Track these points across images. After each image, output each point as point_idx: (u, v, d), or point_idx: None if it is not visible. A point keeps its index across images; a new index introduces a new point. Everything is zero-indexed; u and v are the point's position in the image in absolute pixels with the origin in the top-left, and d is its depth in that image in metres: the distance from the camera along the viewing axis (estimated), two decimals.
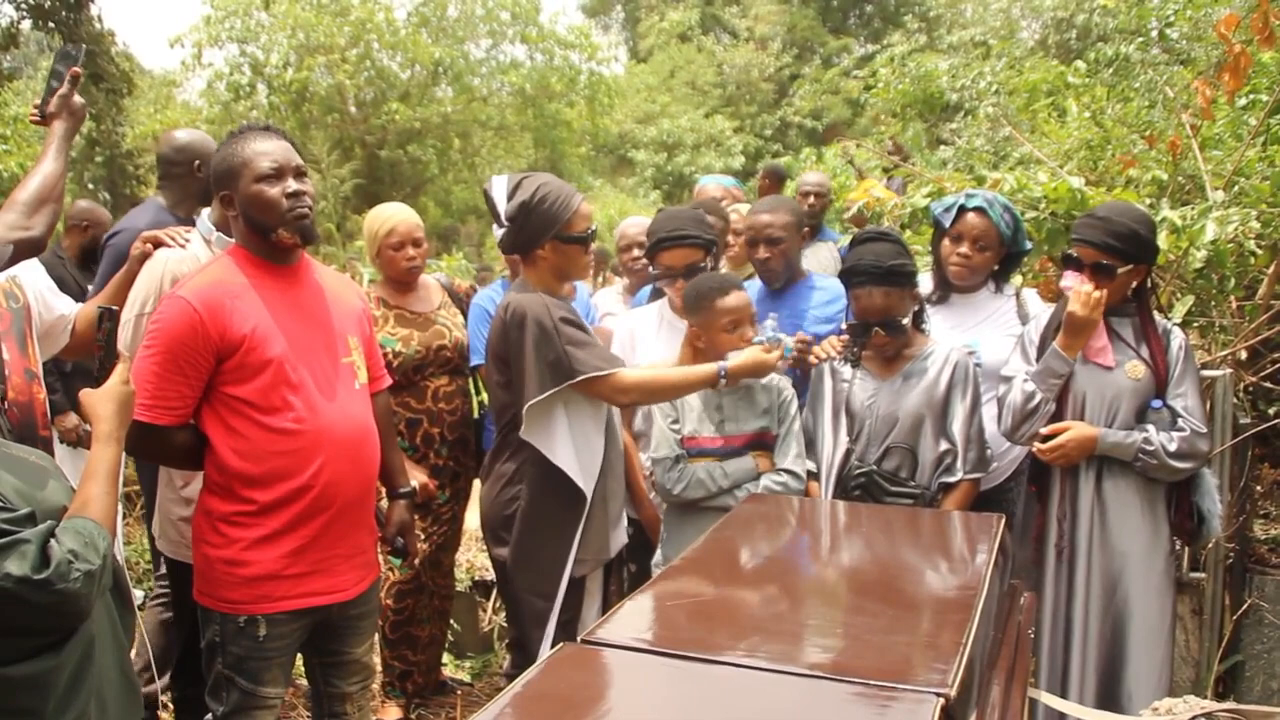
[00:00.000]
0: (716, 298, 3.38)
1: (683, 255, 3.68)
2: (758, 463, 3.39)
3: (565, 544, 3.20)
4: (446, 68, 23.97)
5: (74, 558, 1.80)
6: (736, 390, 3.43)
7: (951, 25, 22.47)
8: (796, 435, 3.43)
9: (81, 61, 2.93)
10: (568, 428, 3.20)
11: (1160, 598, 3.27)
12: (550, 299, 3.21)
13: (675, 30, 31.85)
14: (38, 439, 2.94)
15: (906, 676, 1.67)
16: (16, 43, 15.16)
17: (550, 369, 3.13)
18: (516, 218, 3.23)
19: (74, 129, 2.94)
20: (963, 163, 8.07)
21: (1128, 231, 3.17)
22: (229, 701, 2.72)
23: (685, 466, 3.38)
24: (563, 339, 3.13)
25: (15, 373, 2.87)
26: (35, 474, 2.00)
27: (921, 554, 2.65)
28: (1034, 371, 3.29)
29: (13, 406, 2.85)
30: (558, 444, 3.20)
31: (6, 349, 2.87)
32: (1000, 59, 11.12)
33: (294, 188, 2.67)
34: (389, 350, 3.76)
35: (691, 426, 3.43)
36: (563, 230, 3.23)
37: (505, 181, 3.34)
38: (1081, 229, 3.26)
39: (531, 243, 3.27)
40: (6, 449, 2.04)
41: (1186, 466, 3.18)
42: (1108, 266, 3.18)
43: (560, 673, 1.75)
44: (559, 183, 3.28)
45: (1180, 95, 5.89)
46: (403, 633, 4.10)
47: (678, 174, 26.45)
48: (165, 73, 26.58)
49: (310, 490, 2.67)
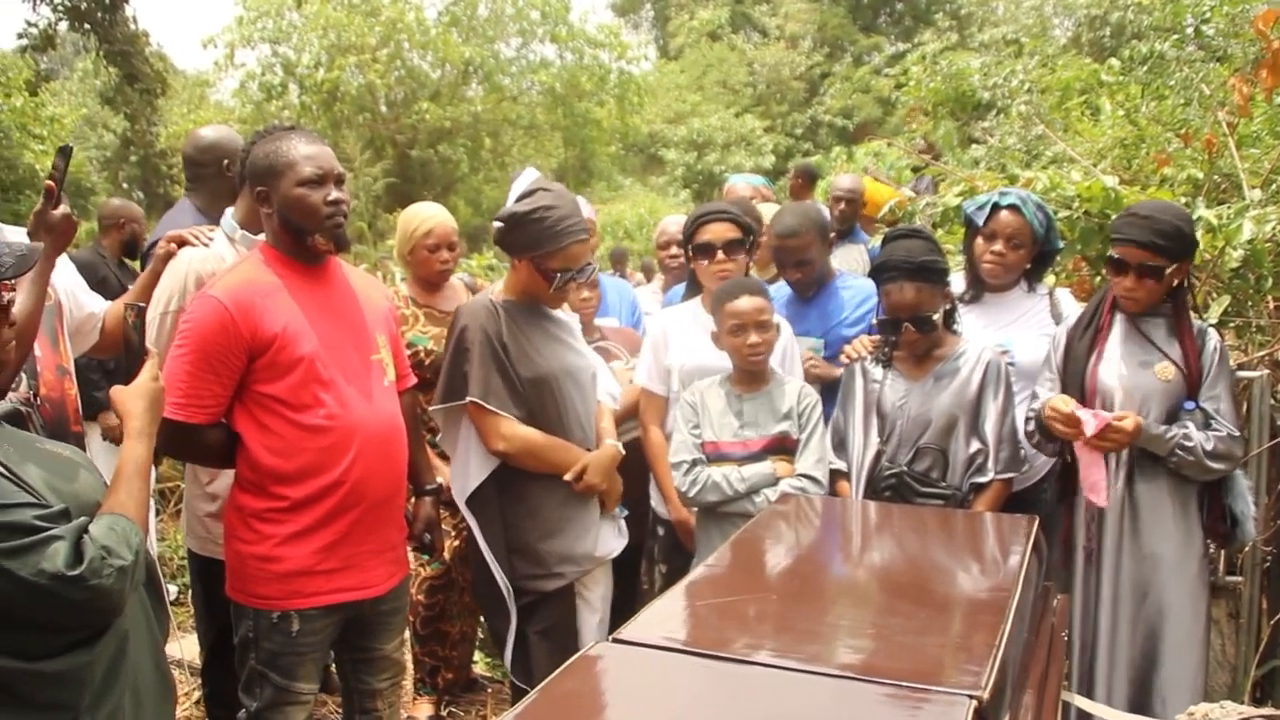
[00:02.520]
0: (727, 300, 3.37)
1: (721, 230, 3.65)
2: (776, 468, 3.36)
3: (490, 556, 3.25)
4: (477, 67, 24.03)
5: (107, 553, 1.81)
6: (757, 395, 3.43)
7: (983, 23, 22.35)
8: (818, 441, 3.40)
9: (67, 162, 2.77)
10: (468, 439, 3.26)
11: (1194, 601, 3.23)
12: (507, 316, 3.22)
13: (705, 29, 31.80)
14: (69, 434, 2.99)
15: (939, 678, 1.66)
16: (54, 44, 15.33)
17: (452, 382, 3.19)
18: (506, 221, 3.22)
19: (58, 248, 2.79)
20: (995, 161, 7.99)
21: (1172, 229, 3.10)
22: (262, 697, 2.74)
23: (702, 470, 3.37)
24: (477, 359, 3.14)
25: (47, 369, 2.91)
26: (67, 468, 2.01)
27: (954, 555, 2.63)
28: (1035, 417, 3.30)
29: (45, 402, 2.90)
30: (456, 453, 3.31)
31: (38, 345, 2.91)
32: (1033, 57, 11.02)
33: (334, 195, 2.69)
34: (422, 348, 3.78)
35: (712, 431, 3.42)
36: (540, 259, 3.19)
37: (527, 180, 3.34)
38: (1124, 229, 3.18)
39: (510, 251, 3.28)
40: (38, 444, 2.06)
41: (1221, 467, 3.14)
42: (1155, 267, 3.12)
43: (589, 671, 1.75)
44: (565, 213, 3.19)
45: (1216, 93, 5.81)
46: (434, 628, 4.11)
47: (708, 173, 26.41)
48: (198, 73, 26.89)
49: (342, 486, 2.69)
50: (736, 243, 3.63)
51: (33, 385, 2.92)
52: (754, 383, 3.45)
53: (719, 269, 3.62)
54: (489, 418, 3.15)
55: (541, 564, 3.23)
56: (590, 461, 3.26)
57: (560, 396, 3.26)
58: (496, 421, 3.15)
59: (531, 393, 3.20)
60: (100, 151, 24.37)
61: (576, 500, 3.28)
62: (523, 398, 3.18)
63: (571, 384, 3.30)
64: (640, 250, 16.77)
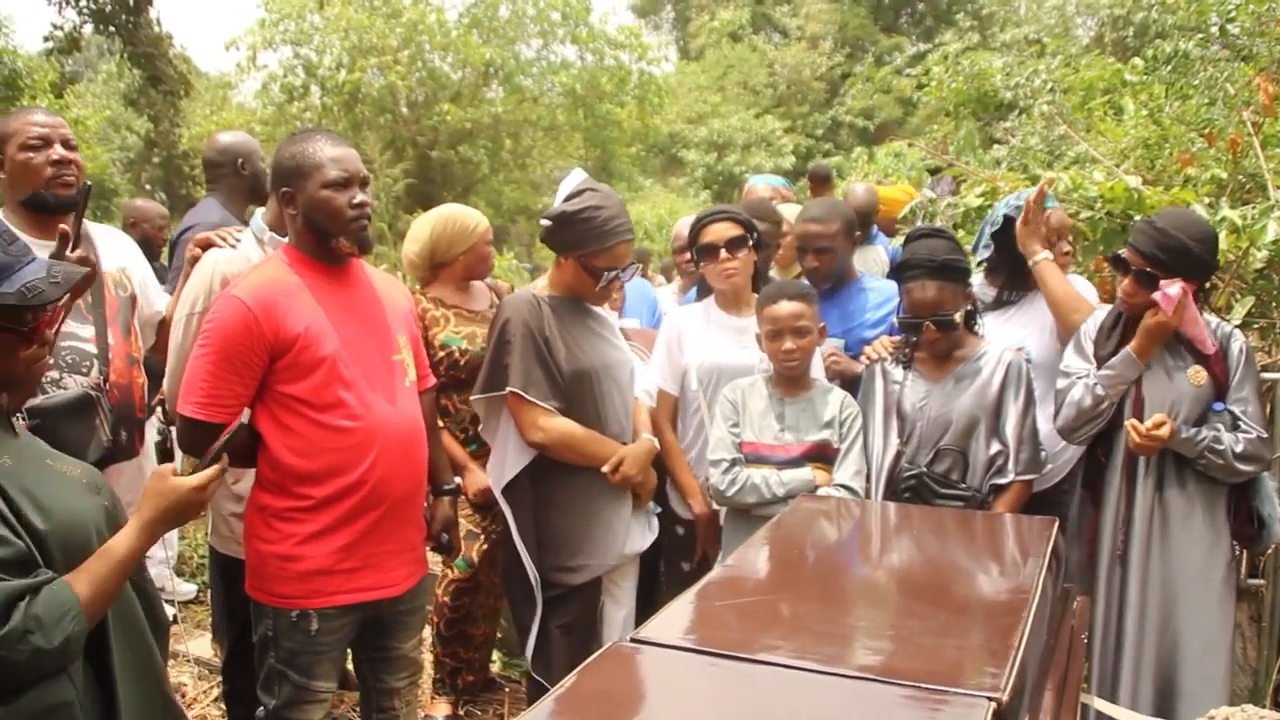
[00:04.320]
0: (767, 304, 3.38)
1: (721, 229, 3.64)
2: (815, 475, 3.35)
3: (521, 546, 3.27)
4: (497, 68, 24.05)
5: (35, 628, 1.74)
6: (799, 400, 3.42)
7: (1005, 23, 22.27)
8: (858, 452, 3.38)
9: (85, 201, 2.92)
10: (507, 430, 3.29)
11: (1220, 605, 3.21)
12: (551, 309, 3.26)
13: (726, 30, 31.73)
14: (134, 421, 3.18)
15: (958, 680, 1.65)
16: (79, 46, 15.49)
17: (493, 373, 3.22)
18: (555, 220, 3.26)
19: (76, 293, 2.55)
20: (1017, 162, 7.97)
21: (1176, 245, 3.12)
22: (281, 695, 2.75)
23: (741, 470, 3.36)
24: (519, 351, 3.17)
25: (118, 356, 3.03)
26: (70, 489, 2.00)
27: (973, 556, 2.62)
28: (1104, 375, 3.24)
29: (114, 388, 3.05)
30: (495, 443, 3.34)
31: (112, 334, 3.05)
32: (1055, 57, 10.97)
33: (359, 198, 2.71)
34: (455, 349, 3.77)
35: (752, 432, 3.41)
36: (586, 257, 3.25)
37: (575, 180, 3.38)
38: (1135, 234, 3.25)
39: (558, 249, 3.33)
40: (49, 460, 2.04)
41: (1250, 469, 3.14)
42: (1149, 275, 3.15)
43: (607, 671, 1.75)
44: (612, 214, 3.24)
45: (1241, 92, 5.78)
46: (458, 630, 4.12)
47: (728, 174, 26.36)
48: (221, 75, 27.03)
49: (363, 486, 2.70)
50: (738, 239, 3.62)
51: (104, 371, 3.03)
52: (796, 387, 3.44)
53: (723, 268, 3.63)
54: (528, 409, 3.17)
55: (571, 557, 3.26)
56: (627, 454, 3.29)
57: (599, 391, 3.30)
58: (535, 413, 3.17)
59: (571, 386, 3.23)
60: (124, 153, 24.57)
61: (610, 495, 3.31)
62: (562, 390, 3.21)
63: (610, 379, 3.34)
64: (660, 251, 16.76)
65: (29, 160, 3.01)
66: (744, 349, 3.59)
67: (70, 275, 1.96)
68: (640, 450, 3.37)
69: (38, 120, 3.06)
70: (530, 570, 3.24)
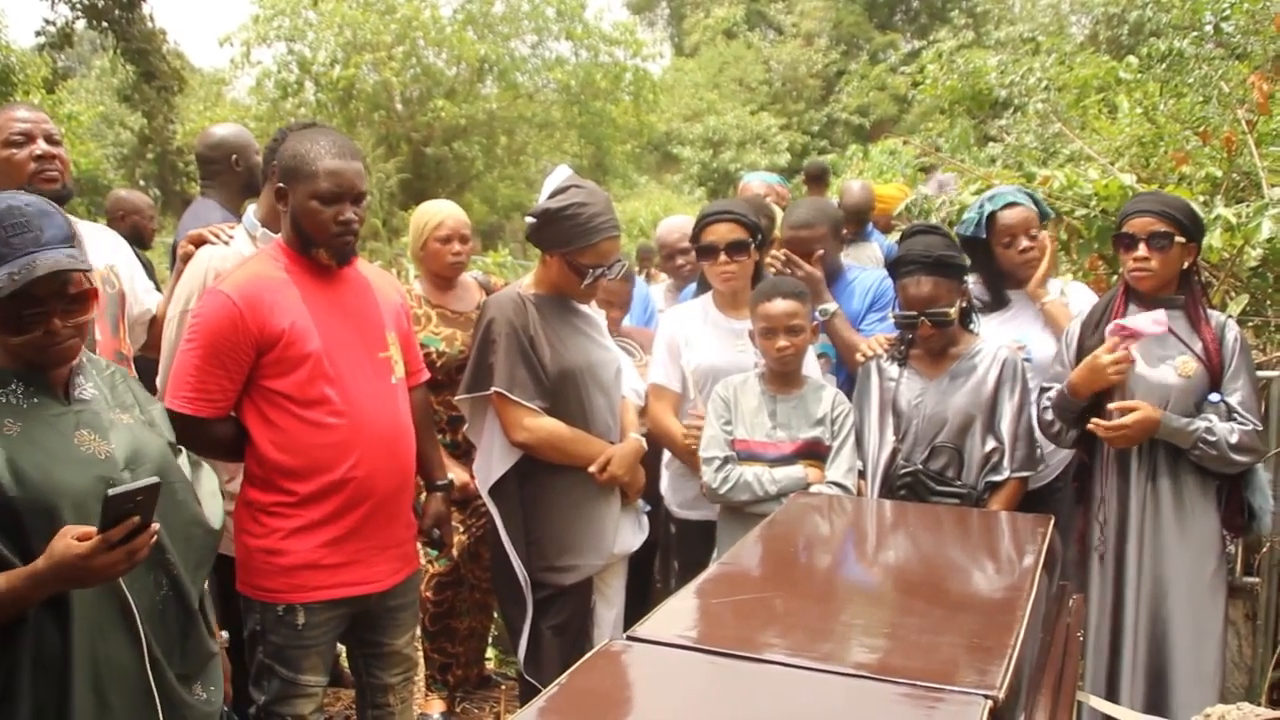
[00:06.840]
0: (761, 301, 3.36)
1: (724, 231, 3.62)
2: (808, 473, 3.33)
3: (510, 547, 3.26)
4: (492, 65, 24.05)
5: None
6: (791, 397, 3.41)
7: (999, 21, 22.26)
8: (850, 449, 3.37)
9: None
10: (492, 431, 3.27)
11: (1211, 600, 3.19)
12: (536, 307, 3.24)
13: (721, 26, 31.76)
14: None
15: (954, 678, 1.64)
16: (71, 42, 15.44)
17: (478, 372, 3.21)
18: (539, 217, 3.24)
19: None
20: (1012, 159, 7.97)
21: (1180, 204, 3.15)
22: (270, 690, 2.75)
23: (733, 468, 3.35)
24: (503, 350, 3.16)
25: (106, 353, 3.02)
26: (66, 458, 2.04)
27: (970, 554, 2.61)
28: (1052, 402, 3.27)
29: None
30: (481, 444, 3.31)
31: (100, 330, 3.03)
32: (1050, 55, 10.98)
33: (346, 215, 2.70)
34: (432, 350, 3.77)
35: (744, 430, 3.40)
36: (571, 255, 3.22)
37: (560, 177, 3.35)
38: (1131, 206, 3.25)
39: (543, 247, 3.30)
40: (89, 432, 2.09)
41: (1245, 460, 3.11)
42: (1165, 234, 3.12)
43: (604, 669, 1.74)
44: (597, 210, 3.21)
45: (1236, 90, 5.78)
46: (442, 625, 4.11)
47: (723, 171, 26.39)
48: (215, 71, 26.99)
49: (348, 484, 2.70)
50: (740, 244, 3.59)
51: None
52: (788, 385, 3.43)
53: (721, 270, 3.61)
54: (512, 408, 3.16)
55: (560, 558, 3.24)
56: (614, 454, 3.28)
57: (585, 390, 3.28)
58: (520, 413, 3.16)
59: (556, 385, 3.21)
60: (117, 149, 24.52)
61: (597, 495, 3.29)
62: (547, 390, 3.19)
63: (596, 378, 3.32)
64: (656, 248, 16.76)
65: (11, 156, 2.99)
66: (740, 352, 3.57)
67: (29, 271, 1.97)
68: (627, 449, 3.35)
69: (20, 116, 3.04)
70: (520, 571, 3.23)
